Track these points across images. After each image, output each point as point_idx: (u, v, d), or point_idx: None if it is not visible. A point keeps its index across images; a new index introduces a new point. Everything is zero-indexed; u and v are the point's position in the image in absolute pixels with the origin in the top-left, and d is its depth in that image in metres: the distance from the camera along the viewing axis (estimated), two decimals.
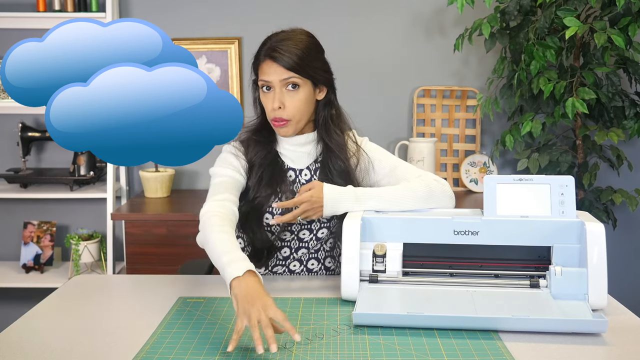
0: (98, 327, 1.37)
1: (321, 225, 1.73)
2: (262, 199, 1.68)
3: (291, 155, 1.75)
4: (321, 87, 1.70)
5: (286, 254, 1.74)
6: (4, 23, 2.87)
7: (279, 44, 1.63)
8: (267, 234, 1.71)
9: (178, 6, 2.95)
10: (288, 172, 1.74)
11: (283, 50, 1.61)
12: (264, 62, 1.64)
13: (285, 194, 1.69)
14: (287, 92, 1.64)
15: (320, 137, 1.74)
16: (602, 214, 2.65)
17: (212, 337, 1.29)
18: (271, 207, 1.69)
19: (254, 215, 1.69)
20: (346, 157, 1.74)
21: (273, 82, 1.63)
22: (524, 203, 1.47)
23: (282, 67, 1.61)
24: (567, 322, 1.28)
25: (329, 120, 1.73)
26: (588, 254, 1.38)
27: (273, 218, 1.66)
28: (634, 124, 2.59)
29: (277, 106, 1.63)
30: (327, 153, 1.73)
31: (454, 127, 3.02)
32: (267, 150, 1.73)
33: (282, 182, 1.71)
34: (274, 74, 1.62)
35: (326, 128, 1.73)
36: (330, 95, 1.73)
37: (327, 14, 2.95)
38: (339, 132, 1.74)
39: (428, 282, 1.48)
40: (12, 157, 3.02)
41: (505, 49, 2.68)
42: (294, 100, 1.64)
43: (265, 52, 1.64)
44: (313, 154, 1.75)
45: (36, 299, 1.62)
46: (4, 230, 3.10)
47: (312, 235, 1.73)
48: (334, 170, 1.71)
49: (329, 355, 1.21)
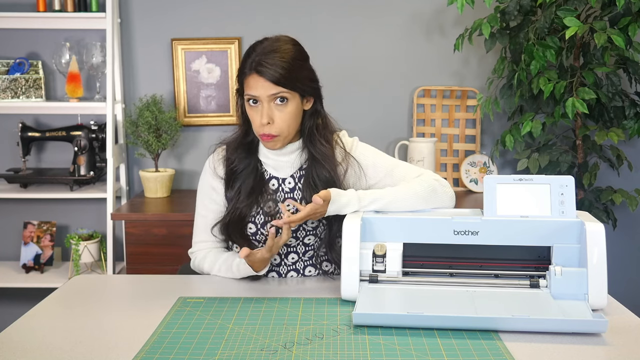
0: (98, 327, 1.37)
1: (306, 232, 1.70)
2: (242, 209, 1.67)
3: (273, 164, 1.72)
4: (308, 97, 1.66)
5: (277, 261, 1.73)
6: (4, 23, 2.87)
7: (265, 58, 1.57)
8: (254, 243, 1.70)
9: (178, 6, 2.95)
10: (271, 180, 1.72)
11: (269, 64, 1.56)
12: (249, 75, 1.59)
13: (266, 204, 1.68)
14: (276, 107, 1.60)
15: (305, 145, 1.71)
16: (602, 214, 2.65)
17: (212, 337, 1.29)
18: (253, 217, 1.68)
19: (236, 226, 1.68)
20: (332, 166, 1.69)
21: (261, 97, 1.59)
22: (524, 203, 1.47)
23: (269, 82, 1.57)
24: (567, 322, 1.28)
25: (314, 130, 1.69)
26: (588, 254, 1.38)
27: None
28: (634, 124, 2.59)
29: (265, 122, 1.59)
30: (312, 162, 1.69)
31: (454, 127, 3.02)
32: (248, 160, 1.71)
33: (264, 192, 1.69)
34: (261, 89, 1.58)
35: (311, 138, 1.69)
36: (317, 104, 1.70)
37: (327, 14, 2.95)
38: (324, 142, 1.70)
39: (428, 282, 1.48)
40: (12, 157, 3.02)
41: (505, 49, 2.68)
42: (282, 114, 1.60)
43: (250, 65, 1.58)
44: (297, 163, 1.72)
45: (36, 299, 1.62)
46: (4, 230, 3.10)
47: (299, 241, 1.71)
48: (318, 180, 1.67)
49: (329, 355, 1.21)
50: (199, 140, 3.03)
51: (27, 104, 2.88)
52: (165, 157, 3.02)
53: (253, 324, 1.35)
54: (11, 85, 2.87)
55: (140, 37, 2.97)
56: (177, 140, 2.94)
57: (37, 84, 2.91)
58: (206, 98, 2.99)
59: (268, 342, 1.26)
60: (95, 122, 2.94)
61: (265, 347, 1.24)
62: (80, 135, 2.89)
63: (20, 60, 2.89)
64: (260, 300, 1.50)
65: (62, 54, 2.88)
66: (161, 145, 2.82)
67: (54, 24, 2.91)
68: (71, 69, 2.85)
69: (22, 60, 2.90)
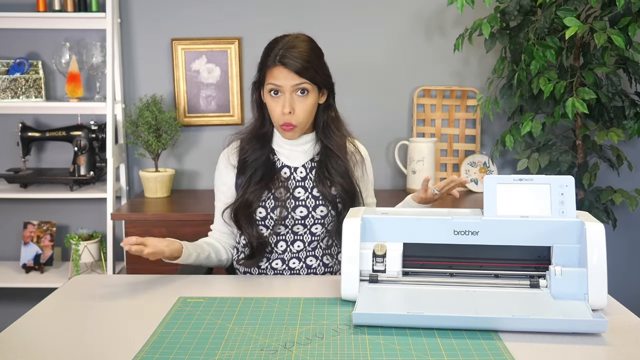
0: (98, 327, 1.37)
1: (315, 221, 1.78)
2: (252, 194, 1.75)
3: (287, 153, 1.81)
4: (323, 90, 1.77)
5: (283, 247, 1.79)
6: (4, 23, 2.87)
7: (290, 51, 1.68)
8: (262, 228, 1.77)
9: (178, 6, 2.95)
10: (282, 169, 1.80)
11: (294, 57, 1.67)
12: (274, 67, 1.69)
13: (278, 190, 1.76)
14: (297, 98, 1.70)
15: (319, 138, 1.81)
16: (602, 214, 2.65)
17: (212, 337, 1.29)
18: (264, 202, 1.75)
19: (244, 211, 1.76)
20: (345, 157, 1.81)
21: (284, 87, 1.69)
22: (524, 203, 1.47)
23: (293, 73, 1.67)
24: (567, 322, 1.28)
25: (330, 123, 1.80)
26: (588, 254, 1.38)
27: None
28: (634, 124, 2.59)
29: (287, 111, 1.69)
30: (326, 153, 1.79)
31: (454, 127, 3.02)
32: (262, 151, 1.80)
33: (275, 179, 1.77)
34: (285, 80, 1.68)
35: (325, 131, 1.80)
36: (330, 98, 1.80)
37: (327, 14, 2.95)
38: (339, 134, 1.81)
39: (428, 282, 1.48)
40: (12, 157, 3.02)
41: (505, 49, 2.68)
42: (303, 105, 1.71)
43: (274, 58, 1.69)
44: (310, 153, 1.82)
45: (36, 299, 1.62)
46: (4, 230, 3.10)
47: (307, 229, 1.79)
48: (332, 170, 1.78)
49: (329, 355, 1.21)
50: (199, 140, 3.03)
51: (27, 104, 2.88)
52: (165, 157, 3.02)
53: (253, 324, 1.35)
54: (11, 85, 2.87)
55: (140, 37, 2.97)
56: (177, 140, 2.94)
57: (37, 84, 2.91)
58: (206, 98, 3.00)
59: (268, 342, 1.26)
60: (95, 122, 2.94)
61: (265, 347, 1.24)
62: (80, 135, 2.89)
63: (20, 60, 2.89)
64: (260, 300, 1.50)
65: (62, 54, 2.88)
66: (161, 145, 2.82)
67: (54, 24, 2.90)
68: (71, 69, 2.85)
69: (22, 60, 2.90)
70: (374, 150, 2.95)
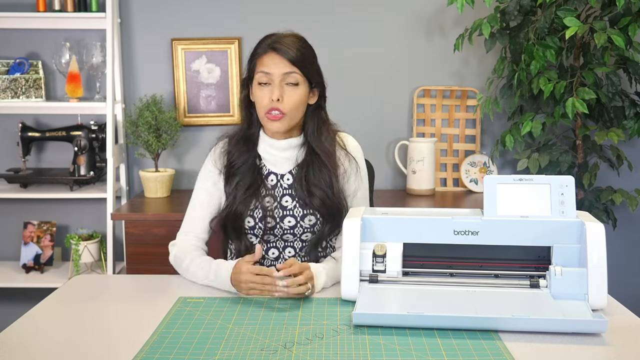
0: (98, 327, 1.37)
1: (304, 230, 1.73)
2: (240, 204, 1.70)
3: (272, 159, 1.75)
4: (314, 90, 1.72)
5: (275, 255, 1.75)
6: (4, 23, 2.87)
7: (283, 39, 1.66)
8: (252, 237, 1.73)
9: (178, 6, 2.95)
10: (269, 176, 1.75)
11: (287, 44, 1.64)
12: (265, 54, 1.65)
13: (265, 198, 1.71)
14: (287, 88, 1.66)
15: (307, 141, 1.74)
16: (602, 214, 2.65)
17: (212, 337, 1.29)
18: (252, 212, 1.71)
19: (232, 222, 1.71)
20: (333, 164, 1.72)
21: (274, 75, 1.64)
22: (524, 203, 1.47)
23: (285, 60, 1.64)
24: (567, 322, 1.28)
25: (320, 126, 1.73)
26: (588, 254, 1.38)
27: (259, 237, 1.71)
28: (634, 124, 2.59)
29: (276, 98, 1.63)
30: (312, 157, 1.72)
31: (454, 127, 3.02)
32: (248, 155, 1.74)
33: (262, 187, 1.72)
34: (276, 67, 1.64)
35: (314, 135, 1.73)
36: (321, 100, 1.75)
37: (327, 14, 2.95)
38: (329, 139, 1.74)
39: (428, 282, 1.48)
40: (12, 157, 3.02)
41: (505, 49, 2.68)
42: (293, 95, 1.66)
43: (267, 45, 1.66)
44: (295, 159, 1.75)
45: (36, 299, 1.62)
46: (4, 230, 3.10)
47: (297, 237, 1.74)
48: (314, 178, 1.69)
49: (329, 355, 1.21)
50: (199, 140, 3.03)
51: (27, 104, 2.88)
52: (165, 157, 3.02)
53: (253, 324, 1.35)
54: (11, 85, 2.87)
55: (140, 37, 2.97)
56: (177, 140, 2.94)
57: (37, 84, 2.91)
58: (206, 98, 2.99)
59: (268, 342, 1.26)
60: (95, 122, 2.93)
61: (265, 347, 1.24)
62: (80, 135, 2.89)
63: (20, 60, 2.89)
64: (260, 300, 1.50)
65: (62, 54, 2.88)
66: (161, 145, 2.82)
67: (54, 24, 2.90)
68: (71, 69, 2.85)
69: (22, 60, 2.90)
70: (374, 150, 2.96)
